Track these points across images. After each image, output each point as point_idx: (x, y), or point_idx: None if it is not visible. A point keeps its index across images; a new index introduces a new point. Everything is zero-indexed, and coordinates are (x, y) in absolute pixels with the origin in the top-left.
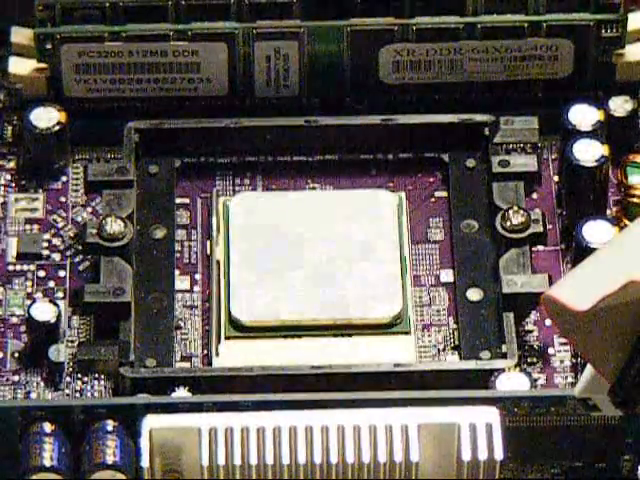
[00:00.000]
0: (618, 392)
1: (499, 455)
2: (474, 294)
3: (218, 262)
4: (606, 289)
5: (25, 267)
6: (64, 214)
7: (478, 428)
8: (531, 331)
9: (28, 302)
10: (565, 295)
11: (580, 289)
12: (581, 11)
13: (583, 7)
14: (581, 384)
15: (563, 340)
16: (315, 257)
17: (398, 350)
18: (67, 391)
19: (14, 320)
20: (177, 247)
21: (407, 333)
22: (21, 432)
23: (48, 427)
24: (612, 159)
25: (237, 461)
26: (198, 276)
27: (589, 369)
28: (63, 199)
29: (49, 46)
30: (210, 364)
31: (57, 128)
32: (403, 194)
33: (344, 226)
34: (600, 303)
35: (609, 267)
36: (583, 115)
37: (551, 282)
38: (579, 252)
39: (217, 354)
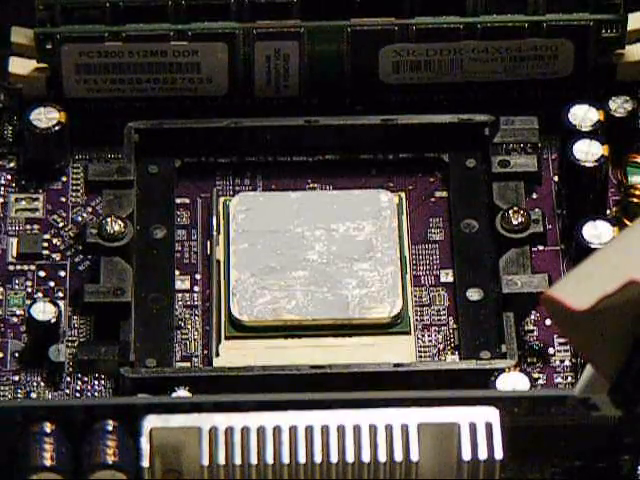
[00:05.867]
0: (618, 392)
1: (499, 455)
2: (474, 294)
3: (218, 262)
4: (606, 289)
5: (25, 267)
6: (64, 214)
7: (478, 428)
8: (531, 331)
9: (28, 302)
10: (565, 295)
11: (580, 289)
12: (581, 11)
13: (583, 7)
14: (581, 384)
15: (563, 340)
16: (315, 257)
17: (398, 350)
18: (67, 391)
19: (14, 320)
20: (177, 247)
21: (407, 333)
22: (21, 432)
23: (48, 427)
24: (612, 159)
25: (237, 461)
26: (198, 276)
27: (589, 369)
28: (63, 199)
29: (49, 46)
30: (210, 364)
31: (57, 128)
32: (403, 194)
33: (344, 226)
34: (600, 303)
35: (609, 267)
36: (583, 115)
37: (551, 282)
38: (579, 252)
39: (217, 354)
